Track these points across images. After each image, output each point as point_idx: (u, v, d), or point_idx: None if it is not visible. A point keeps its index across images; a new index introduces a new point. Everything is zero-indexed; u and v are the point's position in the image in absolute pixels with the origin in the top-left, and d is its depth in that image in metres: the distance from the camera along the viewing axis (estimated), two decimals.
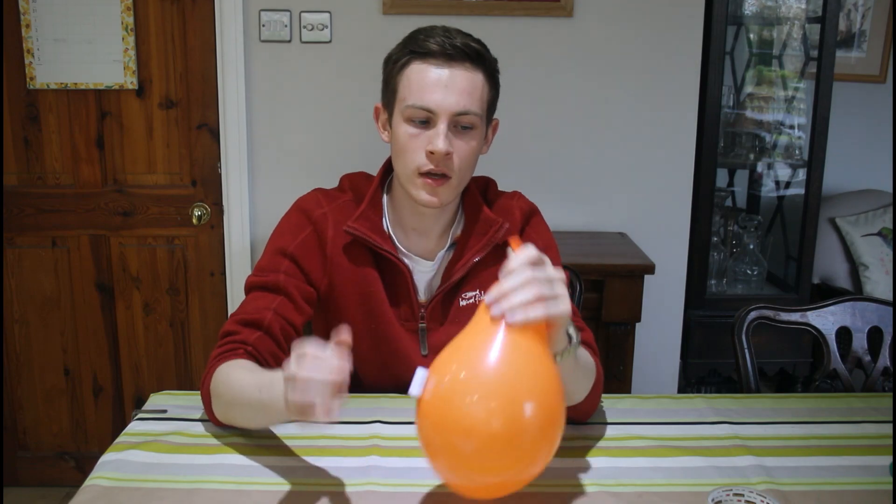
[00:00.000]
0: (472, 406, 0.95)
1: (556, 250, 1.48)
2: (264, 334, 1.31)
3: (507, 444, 0.96)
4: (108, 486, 1.12)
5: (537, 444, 0.99)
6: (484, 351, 0.99)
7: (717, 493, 1.01)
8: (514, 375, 0.97)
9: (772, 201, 3.01)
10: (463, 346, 1.02)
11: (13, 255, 2.55)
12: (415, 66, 1.31)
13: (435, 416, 0.98)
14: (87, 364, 2.63)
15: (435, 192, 1.33)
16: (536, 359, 1.00)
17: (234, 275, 2.53)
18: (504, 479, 1.02)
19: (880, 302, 1.71)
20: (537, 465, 1.02)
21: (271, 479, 1.14)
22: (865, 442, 1.31)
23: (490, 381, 0.97)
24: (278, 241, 1.40)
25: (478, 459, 0.97)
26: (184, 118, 2.49)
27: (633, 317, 2.25)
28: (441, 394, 0.98)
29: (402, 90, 1.32)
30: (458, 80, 1.30)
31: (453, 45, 1.29)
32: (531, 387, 0.98)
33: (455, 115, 1.30)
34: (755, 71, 2.91)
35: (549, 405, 0.99)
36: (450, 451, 0.98)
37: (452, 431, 0.96)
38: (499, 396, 0.96)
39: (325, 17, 2.40)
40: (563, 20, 2.44)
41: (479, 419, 0.94)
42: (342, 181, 1.48)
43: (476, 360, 0.98)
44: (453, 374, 0.98)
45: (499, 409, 0.95)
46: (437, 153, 1.30)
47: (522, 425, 0.96)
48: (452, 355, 1.01)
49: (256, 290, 1.37)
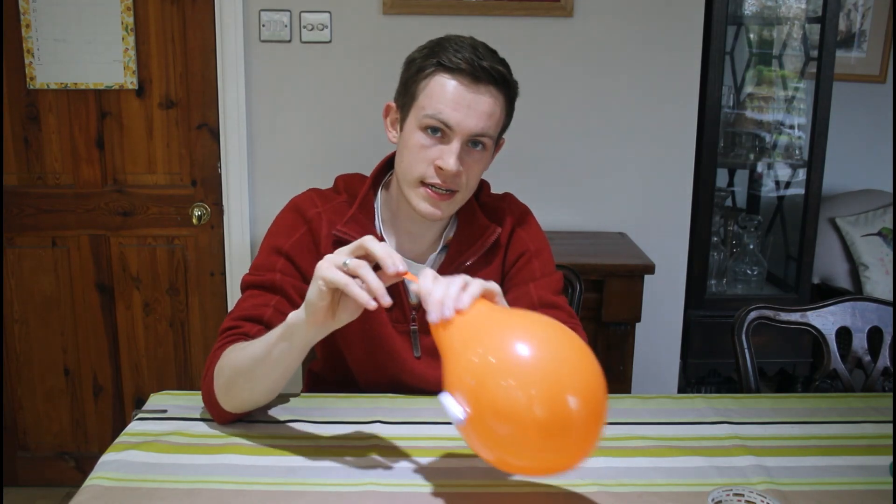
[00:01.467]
0: (508, 389, 0.94)
1: (549, 251, 1.48)
2: (266, 328, 1.31)
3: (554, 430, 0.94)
4: (108, 486, 1.12)
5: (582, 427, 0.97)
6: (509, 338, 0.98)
7: (717, 493, 1.01)
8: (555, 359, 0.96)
9: (772, 201, 3.01)
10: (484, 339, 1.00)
11: (13, 255, 2.55)
12: (440, 77, 1.30)
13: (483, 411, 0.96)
14: (87, 364, 2.63)
15: (438, 205, 1.33)
16: (563, 334, 1.01)
17: (234, 275, 2.53)
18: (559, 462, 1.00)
19: (880, 302, 1.71)
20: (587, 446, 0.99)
21: (271, 479, 1.14)
22: (865, 442, 1.31)
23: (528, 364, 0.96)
24: (273, 240, 1.41)
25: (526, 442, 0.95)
26: (184, 118, 2.49)
27: (633, 317, 2.25)
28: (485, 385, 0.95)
29: (422, 98, 1.31)
30: (481, 104, 1.29)
31: (482, 67, 1.28)
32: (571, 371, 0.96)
33: (471, 135, 1.30)
34: (755, 71, 2.91)
35: (591, 385, 0.97)
36: (503, 444, 0.97)
37: (500, 425, 0.94)
38: (541, 382, 0.94)
39: (325, 17, 2.40)
40: (563, 20, 2.44)
41: (520, 404, 0.93)
42: (337, 182, 1.48)
43: (506, 346, 0.97)
44: (482, 357, 0.96)
45: (540, 395, 0.93)
46: (446, 171, 1.30)
47: (568, 410, 0.94)
48: (473, 348, 0.99)
49: (253, 288, 1.37)
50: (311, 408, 1.36)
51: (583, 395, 0.95)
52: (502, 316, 1.04)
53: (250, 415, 1.31)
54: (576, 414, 0.94)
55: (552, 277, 1.44)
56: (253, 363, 1.21)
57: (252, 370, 1.21)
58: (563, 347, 0.99)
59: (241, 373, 1.23)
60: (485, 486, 1.14)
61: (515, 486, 1.15)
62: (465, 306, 1.03)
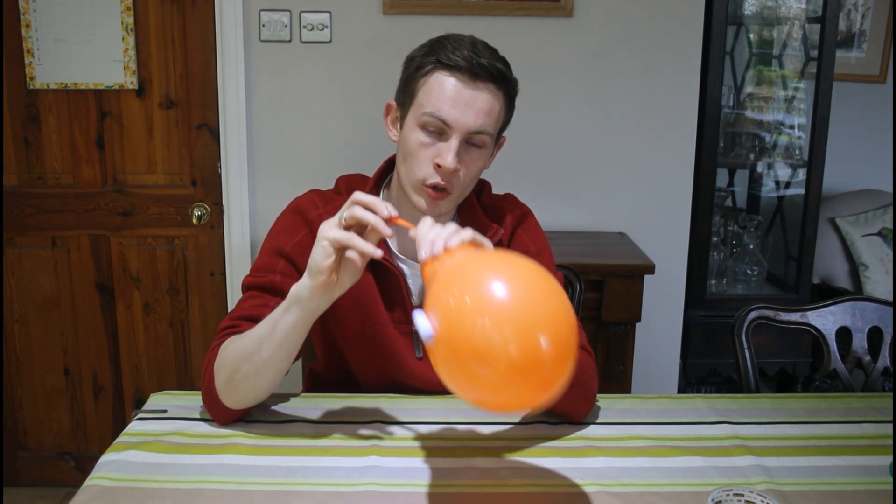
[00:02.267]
0: (484, 329, 0.94)
1: (550, 252, 1.48)
2: None
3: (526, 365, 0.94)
4: (108, 486, 1.12)
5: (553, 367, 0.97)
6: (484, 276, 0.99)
7: (717, 493, 1.01)
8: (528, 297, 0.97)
9: (772, 201, 3.01)
10: (461, 275, 1.01)
11: (13, 255, 2.55)
12: (438, 75, 1.30)
13: (451, 343, 0.96)
14: (87, 364, 2.63)
15: (436, 204, 1.34)
16: (536, 273, 1.01)
17: (234, 275, 2.53)
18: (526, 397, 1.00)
19: (880, 302, 1.72)
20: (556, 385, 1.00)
21: (271, 479, 1.14)
22: (865, 442, 1.31)
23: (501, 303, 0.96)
24: (274, 242, 1.40)
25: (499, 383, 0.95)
26: (184, 118, 2.49)
27: (633, 317, 2.25)
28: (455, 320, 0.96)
29: (421, 96, 1.32)
30: (480, 101, 1.29)
31: (480, 64, 1.28)
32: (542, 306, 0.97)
33: (470, 133, 1.30)
34: (755, 71, 2.91)
35: (562, 323, 0.97)
36: (468, 375, 0.97)
37: (466, 355, 0.95)
38: (511, 320, 0.95)
39: (325, 17, 2.40)
40: (563, 20, 2.44)
41: (494, 343, 0.93)
42: (338, 183, 1.48)
43: (481, 284, 0.98)
44: (458, 298, 0.97)
45: (513, 335, 0.94)
46: (444, 168, 1.30)
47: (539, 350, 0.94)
48: (454, 287, 1.00)
49: (253, 289, 1.37)
50: (311, 408, 1.37)
51: (553, 335, 0.95)
52: (484, 257, 1.06)
53: (250, 414, 1.32)
54: (546, 353, 0.95)
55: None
56: (258, 344, 1.21)
57: (257, 351, 1.22)
58: (537, 288, 0.99)
59: (245, 357, 1.23)
60: (485, 486, 1.14)
61: (515, 485, 1.15)
62: (453, 245, 1.05)
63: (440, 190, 1.32)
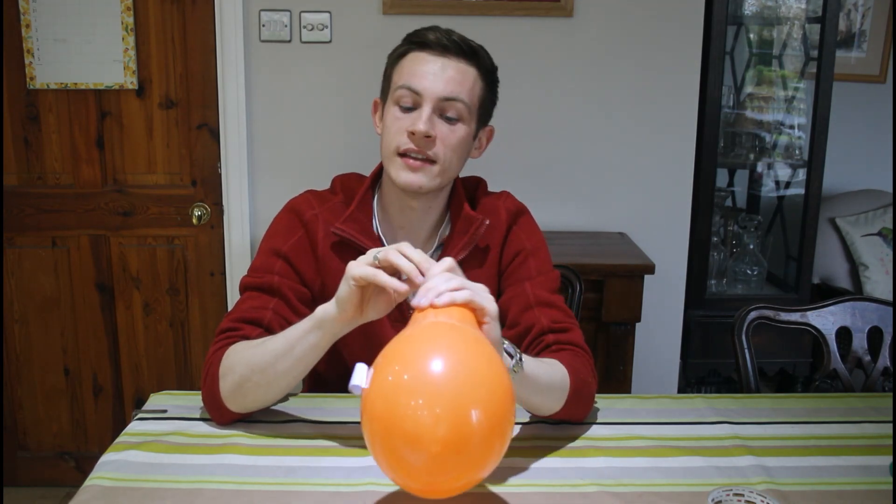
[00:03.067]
0: (416, 409, 0.91)
1: (546, 250, 1.48)
2: (265, 332, 1.31)
3: (453, 451, 0.92)
4: (108, 486, 1.12)
5: (485, 448, 0.94)
6: (427, 350, 0.95)
7: (717, 493, 1.01)
8: (459, 377, 0.93)
9: (772, 201, 3.01)
10: (405, 345, 0.98)
11: (13, 255, 2.55)
12: (410, 55, 1.36)
13: (378, 416, 0.94)
14: (87, 364, 2.63)
15: (416, 171, 1.34)
16: (477, 354, 0.97)
17: (234, 275, 2.53)
18: (452, 483, 0.97)
19: (880, 302, 1.71)
20: (486, 469, 0.97)
21: (271, 479, 1.14)
22: (865, 442, 1.31)
23: (435, 382, 0.92)
24: (271, 242, 1.41)
25: (425, 464, 0.93)
26: (184, 118, 2.49)
27: (633, 317, 2.25)
28: (385, 393, 0.94)
29: (395, 77, 1.37)
30: (449, 69, 1.34)
31: (450, 39, 1.34)
32: (477, 389, 0.93)
33: (441, 99, 1.33)
34: (755, 71, 2.91)
35: (496, 407, 0.94)
36: (395, 453, 0.94)
37: (397, 434, 0.92)
38: (444, 400, 0.91)
39: (325, 17, 2.40)
40: (563, 20, 2.44)
41: (424, 424, 0.90)
42: (334, 182, 1.49)
43: (420, 360, 0.95)
44: (396, 374, 0.94)
45: (444, 414, 0.91)
46: (417, 133, 1.32)
47: (470, 430, 0.91)
48: (394, 355, 0.98)
49: (251, 290, 1.37)
50: (311, 408, 1.36)
51: (485, 412, 0.93)
52: (433, 333, 1.00)
53: (250, 414, 1.31)
54: (477, 429, 0.92)
55: (549, 276, 1.44)
56: (274, 358, 1.21)
57: (273, 366, 1.22)
58: (473, 365, 0.96)
59: (258, 369, 1.22)
60: (485, 486, 1.14)
61: (515, 485, 1.15)
62: (439, 303, 1.03)
63: (419, 159, 1.34)
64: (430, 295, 1.04)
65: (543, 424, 1.32)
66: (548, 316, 1.37)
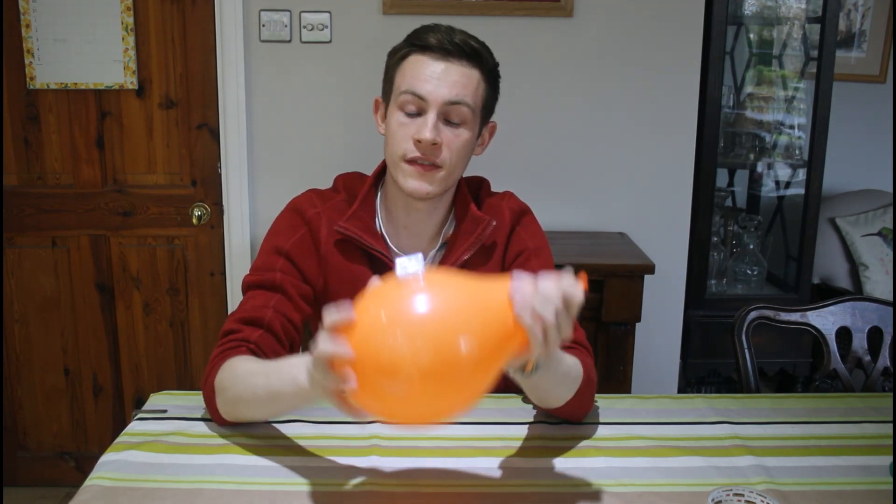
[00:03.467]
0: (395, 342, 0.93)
1: (549, 251, 1.48)
2: (266, 332, 1.32)
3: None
4: (108, 486, 1.12)
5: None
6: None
7: (717, 493, 1.01)
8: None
9: (772, 201, 3.01)
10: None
11: (13, 255, 2.55)
12: (412, 57, 1.35)
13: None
14: (87, 364, 2.63)
15: (423, 178, 1.34)
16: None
17: (234, 275, 2.53)
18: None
19: (880, 302, 1.72)
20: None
21: (271, 479, 1.14)
22: (865, 442, 1.31)
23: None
24: (273, 240, 1.41)
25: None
26: (184, 118, 2.49)
27: (633, 317, 2.25)
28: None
29: (397, 79, 1.36)
30: (453, 73, 1.33)
31: (452, 42, 1.33)
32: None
33: (446, 104, 1.32)
34: (755, 71, 2.91)
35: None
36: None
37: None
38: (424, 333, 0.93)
39: (325, 17, 2.40)
40: (563, 20, 2.44)
41: (402, 355, 0.92)
42: (336, 181, 1.49)
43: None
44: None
45: (424, 345, 0.93)
46: (423, 141, 1.31)
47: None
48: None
49: (254, 288, 1.38)
50: (311, 408, 1.36)
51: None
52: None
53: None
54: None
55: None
56: (255, 400, 1.21)
57: (255, 403, 1.22)
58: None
59: (244, 402, 1.23)
60: (485, 486, 1.14)
61: (515, 485, 1.15)
62: (518, 316, 0.99)
63: (426, 165, 1.33)
64: (537, 307, 0.99)
65: (544, 424, 1.32)
66: None
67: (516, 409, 1.39)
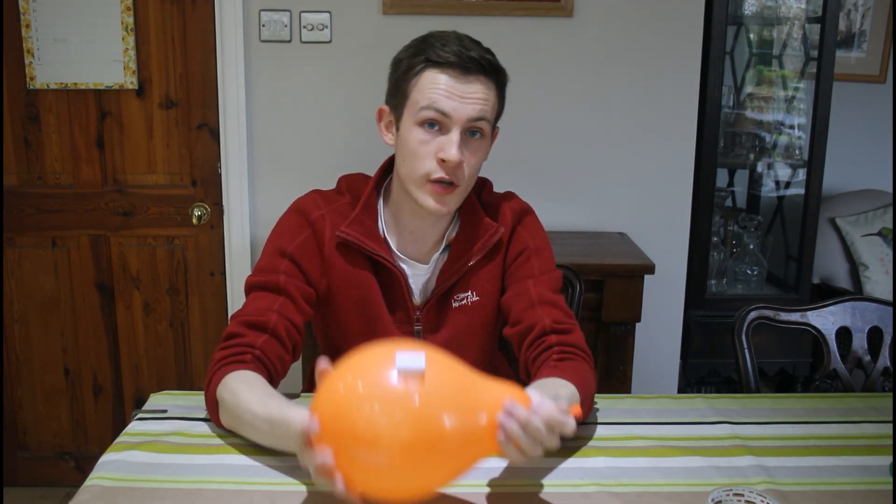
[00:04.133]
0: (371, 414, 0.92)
1: (550, 250, 1.48)
2: (270, 337, 1.31)
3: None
4: (108, 486, 1.12)
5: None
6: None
7: (717, 493, 1.01)
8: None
9: (772, 201, 3.01)
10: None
11: (13, 255, 2.55)
12: (430, 73, 1.31)
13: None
14: (87, 364, 2.63)
15: (443, 200, 1.34)
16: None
17: (234, 275, 2.53)
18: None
19: (880, 302, 1.72)
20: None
21: (271, 479, 1.14)
22: (865, 442, 1.31)
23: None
24: (277, 242, 1.40)
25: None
26: (184, 118, 2.49)
27: (633, 317, 2.25)
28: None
29: (415, 94, 1.32)
30: (474, 91, 1.31)
31: (470, 58, 1.30)
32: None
33: (469, 121, 1.31)
34: (755, 71, 2.91)
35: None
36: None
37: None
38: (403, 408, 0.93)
39: (325, 17, 2.40)
40: (563, 20, 2.44)
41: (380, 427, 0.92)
42: (339, 183, 1.48)
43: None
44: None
45: (404, 420, 0.92)
46: (449, 161, 1.30)
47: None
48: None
49: (257, 290, 1.37)
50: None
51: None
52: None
53: None
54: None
55: (551, 275, 1.44)
56: (251, 430, 1.19)
57: (252, 435, 1.20)
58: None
59: (242, 426, 1.21)
60: (484, 485, 1.14)
61: (515, 485, 1.15)
62: (499, 440, 0.99)
63: (446, 185, 1.32)
64: (520, 441, 0.98)
65: None
66: (550, 315, 1.37)
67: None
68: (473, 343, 1.46)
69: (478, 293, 1.44)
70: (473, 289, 1.44)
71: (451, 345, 1.43)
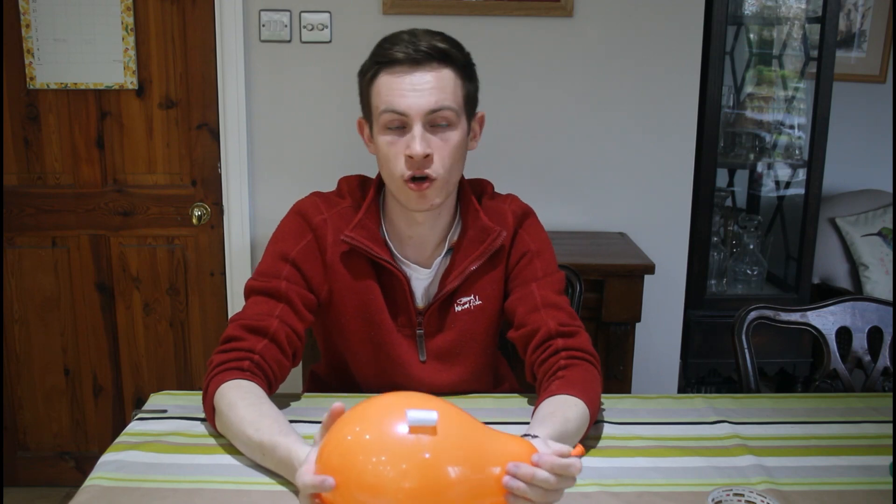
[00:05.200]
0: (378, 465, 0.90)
1: (552, 252, 1.48)
2: (270, 342, 1.31)
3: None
4: (108, 486, 1.12)
5: None
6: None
7: (717, 493, 1.01)
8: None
9: (772, 201, 3.01)
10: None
11: (13, 255, 2.55)
12: (383, 77, 1.32)
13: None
14: (87, 364, 2.63)
15: (423, 196, 1.33)
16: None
17: (234, 275, 2.53)
18: None
19: (880, 302, 1.72)
20: None
21: (271, 479, 1.14)
22: (865, 442, 1.31)
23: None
24: (279, 246, 1.39)
25: None
26: (184, 118, 2.49)
27: (633, 317, 2.25)
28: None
29: (374, 100, 1.34)
30: (426, 81, 1.30)
31: (417, 50, 1.30)
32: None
33: (428, 113, 1.30)
34: (755, 71, 2.91)
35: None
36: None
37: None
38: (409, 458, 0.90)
39: (325, 17, 2.40)
40: (563, 20, 2.44)
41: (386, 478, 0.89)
42: (340, 185, 1.48)
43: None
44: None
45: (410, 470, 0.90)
46: (415, 156, 1.29)
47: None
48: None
49: (258, 294, 1.36)
50: (311, 408, 1.36)
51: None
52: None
53: None
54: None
55: (554, 277, 1.44)
56: (244, 449, 1.19)
57: (243, 451, 1.20)
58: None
59: (235, 441, 1.21)
60: None
61: None
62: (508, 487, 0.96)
63: (420, 180, 1.32)
64: (526, 493, 0.96)
65: None
66: (555, 318, 1.37)
67: (516, 409, 1.39)
68: (475, 346, 1.46)
69: (480, 297, 1.44)
70: (476, 293, 1.43)
71: (453, 348, 1.43)
